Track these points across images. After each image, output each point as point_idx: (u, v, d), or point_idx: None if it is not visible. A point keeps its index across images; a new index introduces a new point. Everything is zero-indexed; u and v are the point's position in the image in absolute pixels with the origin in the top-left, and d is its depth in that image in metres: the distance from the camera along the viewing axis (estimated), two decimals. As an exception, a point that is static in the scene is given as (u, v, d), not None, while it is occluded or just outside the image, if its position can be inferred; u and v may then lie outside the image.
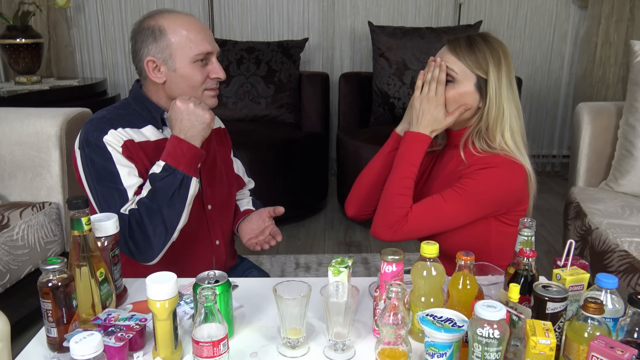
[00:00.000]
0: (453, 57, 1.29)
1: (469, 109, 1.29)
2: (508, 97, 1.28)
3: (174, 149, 1.23)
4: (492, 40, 1.29)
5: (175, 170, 1.21)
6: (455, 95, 1.29)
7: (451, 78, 1.29)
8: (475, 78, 1.27)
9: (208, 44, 1.29)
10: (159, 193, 1.20)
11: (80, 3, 3.69)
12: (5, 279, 1.72)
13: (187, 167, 1.22)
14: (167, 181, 1.20)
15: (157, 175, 1.21)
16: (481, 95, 1.28)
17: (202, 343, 0.86)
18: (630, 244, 1.62)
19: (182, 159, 1.22)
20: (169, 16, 1.28)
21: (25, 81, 2.99)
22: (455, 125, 1.35)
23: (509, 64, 1.29)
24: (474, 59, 1.27)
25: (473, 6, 3.78)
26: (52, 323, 0.95)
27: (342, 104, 3.28)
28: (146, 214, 1.20)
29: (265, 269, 2.26)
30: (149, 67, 1.28)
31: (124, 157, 1.24)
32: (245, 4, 3.75)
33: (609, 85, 3.71)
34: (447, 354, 0.85)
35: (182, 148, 1.23)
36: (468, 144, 1.31)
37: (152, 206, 1.20)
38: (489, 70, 1.26)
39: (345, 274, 1.01)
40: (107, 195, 1.22)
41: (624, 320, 0.87)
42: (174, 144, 1.23)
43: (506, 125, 1.28)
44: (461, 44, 1.29)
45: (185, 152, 1.23)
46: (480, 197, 1.24)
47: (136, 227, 1.20)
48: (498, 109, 1.27)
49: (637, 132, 2.01)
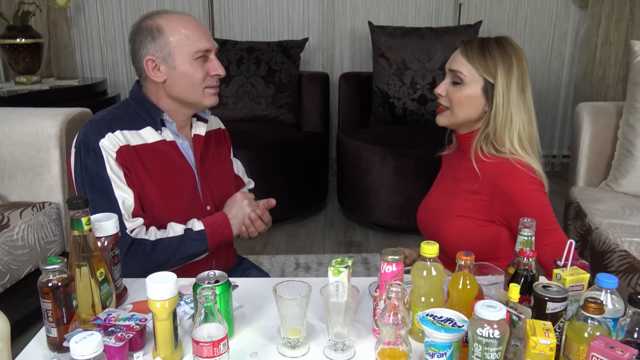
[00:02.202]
0: (463, 60, 1.29)
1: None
2: (518, 103, 1.28)
3: (217, 225, 1.34)
4: (507, 46, 1.30)
5: (205, 240, 1.32)
6: (461, 97, 1.29)
7: (459, 80, 1.29)
8: (482, 82, 1.28)
9: (206, 41, 1.30)
10: (181, 247, 1.29)
11: (80, 3, 3.69)
12: (5, 279, 1.72)
13: (214, 244, 1.33)
14: (194, 245, 1.31)
15: (192, 234, 1.31)
16: (487, 99, 1.28)
17: (202, 343, 0.86)
18: (630, 244, 1.62)
19: (217, 236, 1.34)
20: (167, 16, 1.29)
21: (25, 81, 2.99)
22: (461, 128, 1.35)
23: (522, 71, 1.29)
24: (483, 63, 1.27)
25: (473, 6, 3.77)
26: (52, 323, 0.95)
27: (342, 104, 3.28)
28: (157, 253, 1.26)
29: (265, 269, 2.26)
30: (149, 66, 1.28)
31: (116, 164, 1.25)
32: (245, 4, 3.75)
33: (609, 85, 3.71)
34: (447, 354, 0.85)
35: (225, 229, 1.36)
36: (477, 150, 1.31)
37: (167, 252, 1.28)
38: (497, 75, 1.26)
39: (345, 274, 1.01)
40: (97, 203, 1.22)
41: (624, 320, 0.87)
42: (221, 221, 1.36)
43: (514, 131, 1.28)
44: (473, 47, 1.29)
45: (224, 234, 1.35)
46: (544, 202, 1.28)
47: (140, 255, 1.25)
48: (505, 115, 1.27)
49: (637, 132, 2.01)
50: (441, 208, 1.40)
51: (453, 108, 1.31)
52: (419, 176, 2.70)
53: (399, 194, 2.80)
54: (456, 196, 1.35)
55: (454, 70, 1.31)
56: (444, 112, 1.35)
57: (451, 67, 1.32)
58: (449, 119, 1.35)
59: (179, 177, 1.35)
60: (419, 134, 2.98)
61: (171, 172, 1.33)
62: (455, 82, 1.30)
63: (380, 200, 2.84)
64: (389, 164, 2.77)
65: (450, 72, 1.32)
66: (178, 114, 1.35)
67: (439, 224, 1.38)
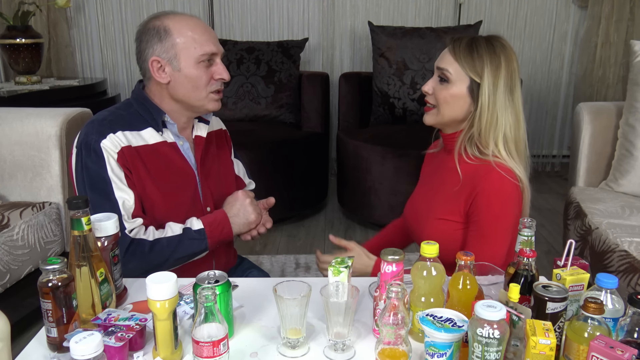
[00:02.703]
0: (450, 57, 1.28)
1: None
2: (505, 104, 1.25)
3: (217, 224, 1.33)
4: (496, 45, 1.27)
5: (205, 239, 1.31)
6: (446, 95, 1.28)
7: (446, 78, 1.28)
8: (469, 81, 1.26)
9: (213, 45, 1.29)
10: (180, 247, 1.28)
11: (80, 3, 3.69)
12: (5, 279, 1.72)
13: (213, 243, 1.32)
14: (193, 244, 1.30)
15: (190, 234, 1.30)
16: (473, 99, 1.27)
17: (202, 343, 0.86)
18: (630, 244, 1.62)
19: (216, 234, 1.32)
20: (175, 17, 1.29)
21: (25, 81, 2.99)
22: (447, 128, 1.34)
23: (511, 71, 1.26)
24: (470, 62, 1.25)
25: (473, 6, 3.78)
26: (52, 323, 0.95)
27: (342, 104, 3.28)
28: (156, 253, 1.26)
29: (265, 269, 2.26)
30: (154, 67, 1.28)
31: (117, 165, 1.25)
32: (245, 4, 3.75)
33: (609, 85, 3.71)
34: (447, 354, 0.85)
35: (225, 228, 1.34)
36: (461, 151, 1.30)
37: (165, 252, 1.27)
38: (483, 74, 1.24)
39: (345, 274, 1.01)
40: (97, 204, 1.22)
41: (624, 320, 0.87)
42: (220, 219, 1.34)
43: (500, 133, 1.25)
44: (461, 45, 1.27)
45: (223, 232, 1.34)
46: (502, 228, 1.24)
47: (139, 255, 1.25)
48: (491, 116, 1.25)
49: (637, 132, 2.01)
50: (424, 209, 1.39)
51: (439, 106, 1.30)
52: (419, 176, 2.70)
53: (399, 194, 2.80)
54: (439, 197, 1.34)
55: (440, 68, 1.29)
56: (430, 111, 1.34)
57: (439, 64, 1.30)
58: (435, 118, 1.33)
59: (180, 178, 1.35)
60: (419, 134, 2.96)
61: (172, 173, 1.33)
62: (442, 79, 1.29)
63: (380, 200, 2.84)
64: (389, 164, 2.77)
65: (438, 69, 1.30)
66: (180, 116, 1.35)
67: (421, 225, 1.38)
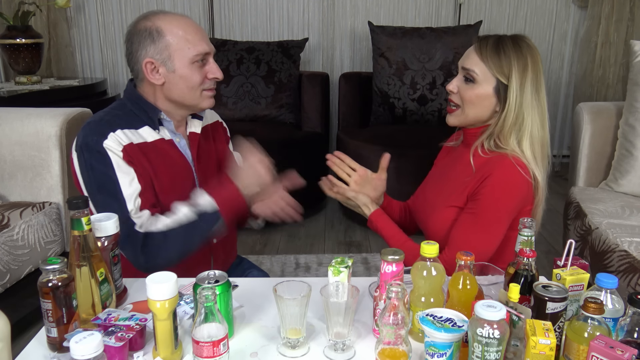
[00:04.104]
0: (477, 58, 1.26)
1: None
2: (532, 104, 1.25)
3: (231, 200, 1.27)
4: (523, 45, 1.25)
5: (220, 218, 1.25)
6: (472, 96, 1.27)
7: (472, 78, 1.26)
8: (495, 81, 1.25)
9: (206, 45, 1.29)
10: (196, 229, 1.24)
11: (80, 3, 3.69)
12: (5, 279, 1.72)
13: (231, 223, 1.29)
14: (207, 220, 1.25)
15: (207, 217, 1.25)
16: (499, 99, 1.26)
17: (202, 343, 0.86)
18: (630, 244, 1.62)
19: (230, 211, 1.27)
20: (165, 17, 1.28)
21: (25, 81, 2.99)
22: (470, 125, 1.33)
23: (537, 72, 1.25)
24: (497, 63, 1.24)
25: (473, 6, 3.77)
26: (52, 323, 0.95)
27: (342, 104, 3.27)
28: (172, 240, 1.23)
29: (265, 269, 2.26)
30: (148, 68, 1.27)
31: (124, 163, 1.24)
32: (245, 4, 3.75)
33: (609, 85, 3.71)
34: (447, 354, 0.85)
35: (239, 202, 1.29)
36: (478, 147, 1.29)
37: (179, 238, 1.23)
38: (511, 75, 1.23)
39: (345, 274, 1.01)
40: (106, 205, 1.22)
41: (624, 320, 0.87)
42: (235, 195, 1.28)
43: (525, 133, 1.25)
44: (488, 45, 1.26)
45: (238, 208, 1.29)
46: (494, 217, 1.24)
47: (154, 248, 1.22)
48: (517, 116, 1.24)
49: (637, 132, 2.01)
50: (434, 197, 1.39)
51: (464, 106, 1.29)
52: (419, 176, 2.68)
53: (399, 194, 2.78)
54: (449, 186, 1.34)
55: (466, 69, 1.27)
56: (454, 112, 1.32)
57: (464, 64, 1.28)
58: (459, 119, 1.32)
59: (179, 174, 1.35)
60: (419, 134, 2.98)
61: (172, 169, 1.33)
62: (467, 79, 1.27)
63: (380, 200, 2.83)
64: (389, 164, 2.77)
65: (463, 69, 1.29)
66: (175, 114, 1.35)
67: (430, 212, 1.38)
